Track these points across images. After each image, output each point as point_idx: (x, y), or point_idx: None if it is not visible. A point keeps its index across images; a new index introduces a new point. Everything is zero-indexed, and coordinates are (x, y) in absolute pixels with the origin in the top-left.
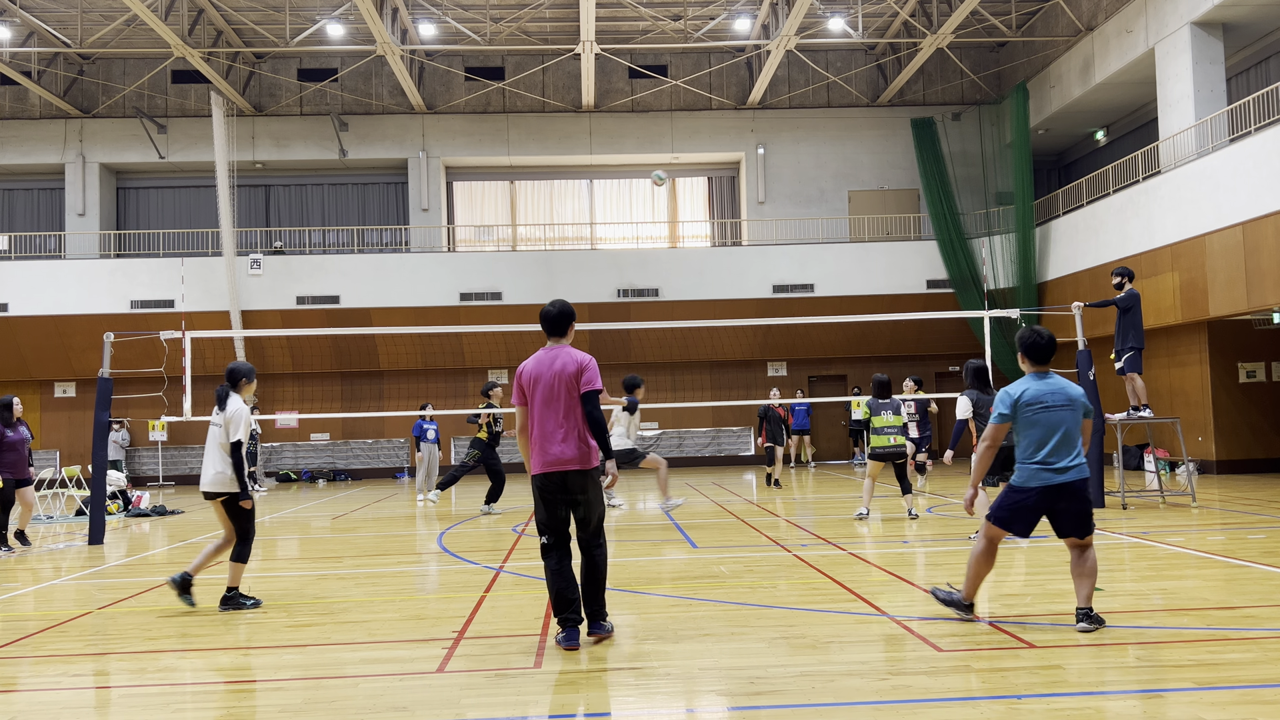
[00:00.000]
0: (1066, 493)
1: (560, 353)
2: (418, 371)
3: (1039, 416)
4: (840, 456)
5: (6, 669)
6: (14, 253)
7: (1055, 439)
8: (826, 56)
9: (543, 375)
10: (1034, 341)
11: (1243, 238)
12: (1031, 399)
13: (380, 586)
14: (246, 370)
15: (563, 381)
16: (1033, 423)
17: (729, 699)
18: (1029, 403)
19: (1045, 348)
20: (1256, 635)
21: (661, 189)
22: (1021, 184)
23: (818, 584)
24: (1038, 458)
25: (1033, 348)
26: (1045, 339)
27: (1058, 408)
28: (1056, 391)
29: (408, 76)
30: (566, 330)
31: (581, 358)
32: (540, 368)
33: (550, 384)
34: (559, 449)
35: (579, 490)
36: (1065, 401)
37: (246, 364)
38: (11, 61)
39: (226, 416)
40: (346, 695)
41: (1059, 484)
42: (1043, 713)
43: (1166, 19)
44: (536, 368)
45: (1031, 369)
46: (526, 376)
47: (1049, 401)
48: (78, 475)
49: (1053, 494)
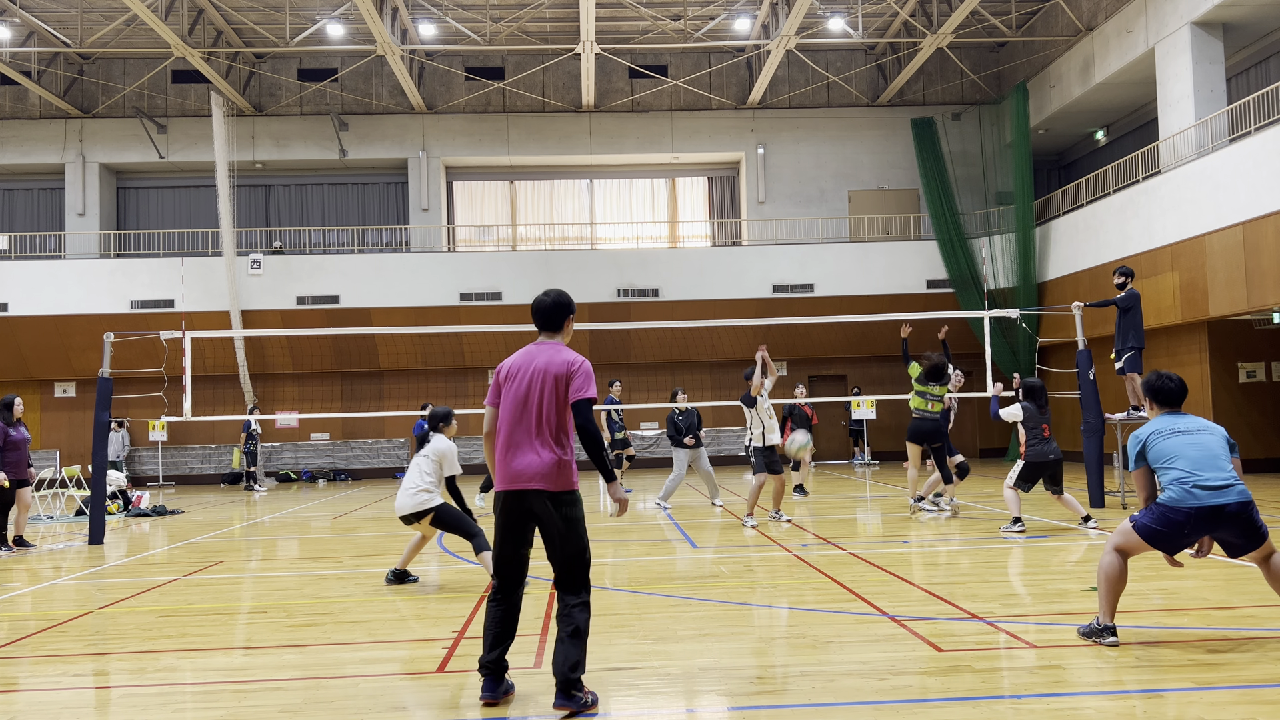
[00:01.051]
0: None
1: (548, 349)
2: (418, 371)
3: (1172, 440)
4: (840, 456)
5: (6, 669)
6: (14, 253)
7: (1198, 455)
8: (826, 56)
9: (521, 372)
10: (1161, 386)
11: (1243, 238)
12: (1159, 426)
13: (380, 586)
14: (444, 414)
15: (545, 383)
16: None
17: (729, 699)
18: (1157, 430)
19: (1176, 392)
20: (1256, 635)
21: (662, 193)
22: (1021, 184)
23: (818, 584)
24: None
25: (1160, 392)
26: (1175, 382)
27: (1191, 432)
28: (1189, 421)
29: (408, 76)
30: (562, 325)
31: (572, 358)
32: (521, 363)
33: (528, 383)
34: (526, 461)
35: (545, 516)
36: (1201, 428)
37: (444, 408)
38: (11, 61)
39: (440, 454)
40: (346, 695)
41: (1215, 505)
42: (1043, 713)
43: (1166, 19)
44: (516, 363)
45: (1160, 413)
46: (505, 373)
47: (1181, 426)
48: (78, 475)
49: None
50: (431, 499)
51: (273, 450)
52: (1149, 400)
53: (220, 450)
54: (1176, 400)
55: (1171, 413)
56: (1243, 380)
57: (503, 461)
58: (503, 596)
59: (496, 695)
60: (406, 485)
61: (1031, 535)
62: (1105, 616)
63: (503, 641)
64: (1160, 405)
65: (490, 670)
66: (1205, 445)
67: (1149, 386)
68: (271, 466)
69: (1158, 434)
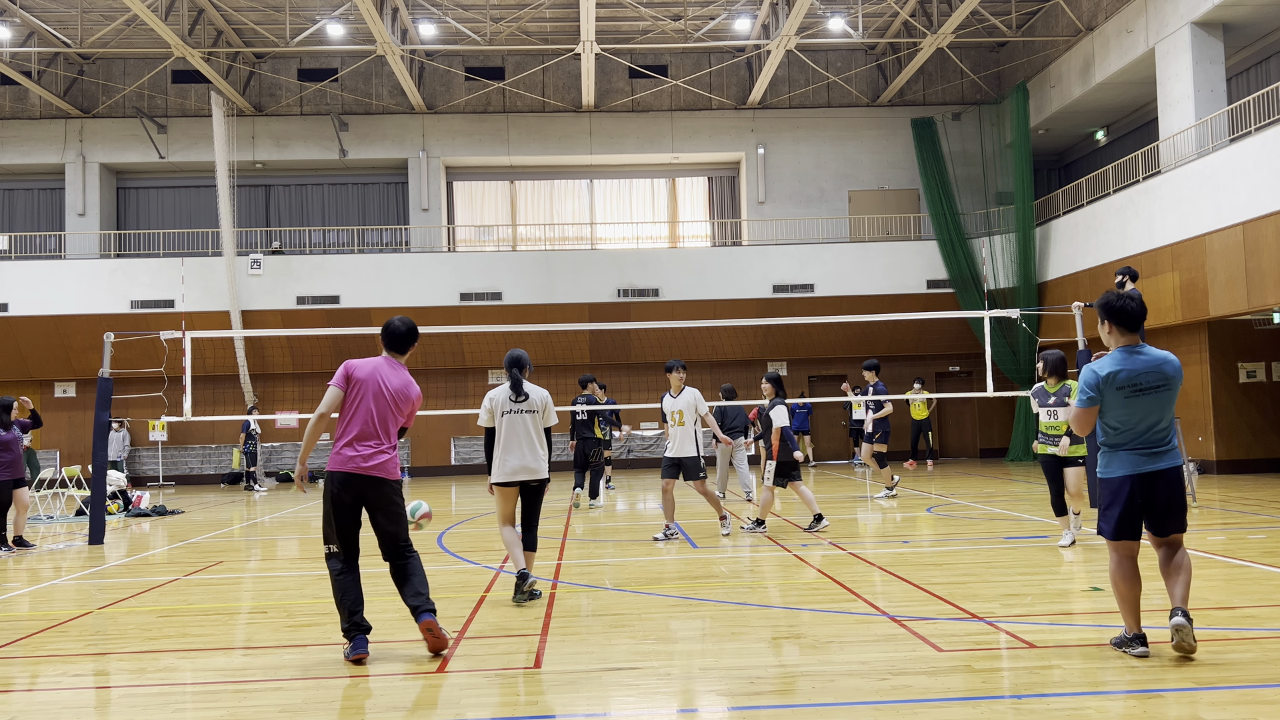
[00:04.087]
0: (1162, 481)
1: (399, 373)
2: (418, 371)
3: (1133, 401)
4: (840, 456)
5: (6, 669)
6: (14, 253)
7: (1150, 424)
8: (826, 56)
9: (385, 383)
10: (1121, 306)
11: (1243, 238)
12: (1125, 380)
13: (380, 587)
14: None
15: (398, 400)
16: (1123, 406)
17: (729, 699)
18: (1122, 385)
19: (1136, 314)
20: (1256, 635)
21: (662, 193)
22: (1021, 184)
23: (818, 584)
24: (1129, 444)
25: (1119, 314)
26: (1136, 302)
27: (1152, 390)
28: (1152, 369)
29: (408, 76)
30: (408, 350)
31: (416, 392)
32: (381, 375)
33: (390, 394)
34: (367, 453)
35: (376, 496)
36: (1161, 382)
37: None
38: (11, 61)
39: (542, 402)
40: (346, 695)
41: (1153, 471)
42: (1043, 713)
43: (1166, 19)
44: (377, 373)
45: (1120, 340)
46: (362, 373)
47: (1144, 383)
48: (78, 475)
49: (1147, 483)
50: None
51: (273, 450)
52: (1106, 324)
53: (220, 450)
54: (1135, 324)
55: (1130, 347)
56: (1243, 380)
57: (346, 449)
58: (339, 558)
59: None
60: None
61: (1031, 535)
62: (1128, 625)
63: (362, 604)
64: (1122, 330)
65: (366, 630)
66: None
67: (1107, 307)
68: (272, 466)
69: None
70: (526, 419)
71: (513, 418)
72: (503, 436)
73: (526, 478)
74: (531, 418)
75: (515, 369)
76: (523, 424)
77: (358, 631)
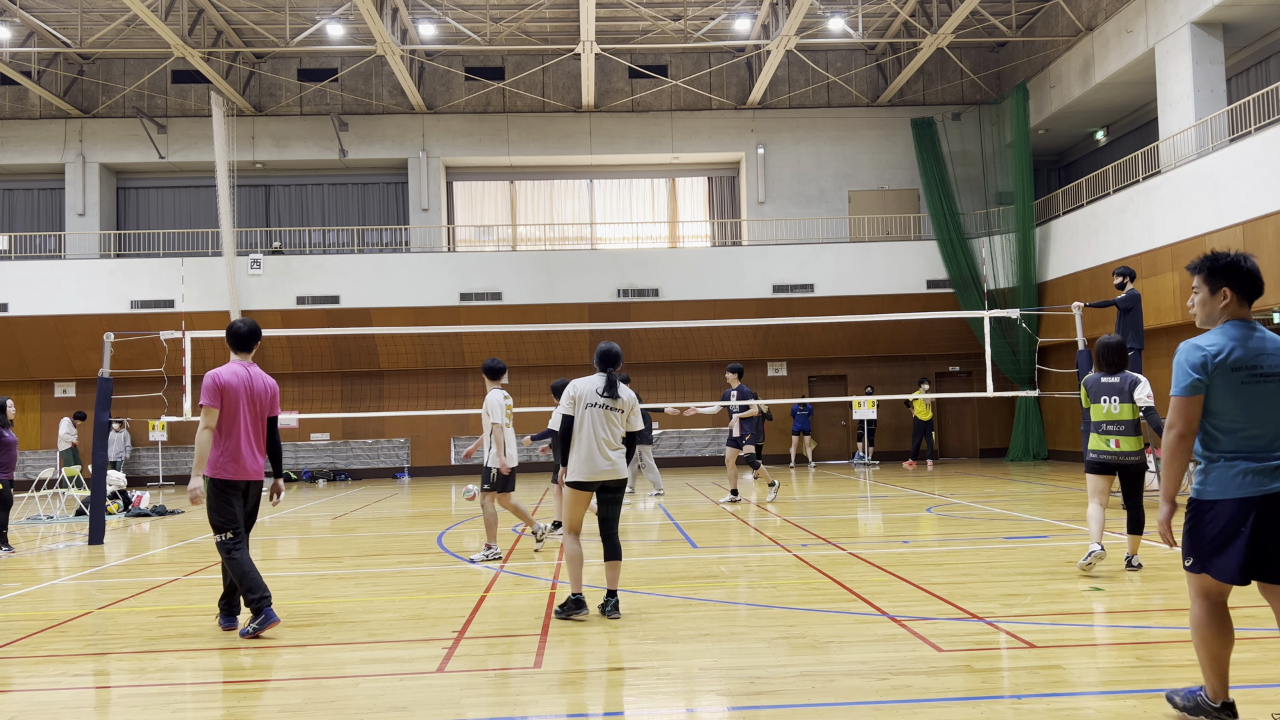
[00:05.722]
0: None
1: (255, 371)
2: (418, 371)
3: (1251, 390)
4: (840, 456)
5: (6, 669)
6: (14, 253)
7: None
8: (826, 56)
9: (245, 390)
10: (1250, 268)
11: (1243, 238)
12: (1240, 362)
13: (380, 586)
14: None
15: (263, 402)
16: (1237, 397)
17: (729, 699)
18: (1237, 366)
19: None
20: (1256, 635)
21: (662, 193)
22: (1021, 184)
23: (818, 584)
24: (1242, 453)
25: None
26: (1250, 264)
27: (1277, 377)
28: (1274, 352)
29: (408, 76)
30: (254, 348)
31: (272, 381)
32: (242, 383)
33: (256, 400)
34: (258, 461)
35: (256, 496)
36: None
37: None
38: (11, 61)
39: (631, 403)
40: (346, 695)
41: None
42: (1043, 713)
43: (1166, 19)
44: (235, 381)
45: (1234, 313)
46: (231, 387)
47: (1266, 367)
48: (77, 475)
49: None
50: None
51: None
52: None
53: None
54: (1256, 290)
55: (1243, 323)
56: None
57: (239, 458)
58: (240, 541)
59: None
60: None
61: (1031, 535)
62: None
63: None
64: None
65: (269, 601)
66: None
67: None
68: None
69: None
70: (614, 416)
71: (597, 413)
72: (583, 432)
73: (609, 478)
74: (618, 416)
75: (610, 367)
76: (606, 420)
77: (268, 602)
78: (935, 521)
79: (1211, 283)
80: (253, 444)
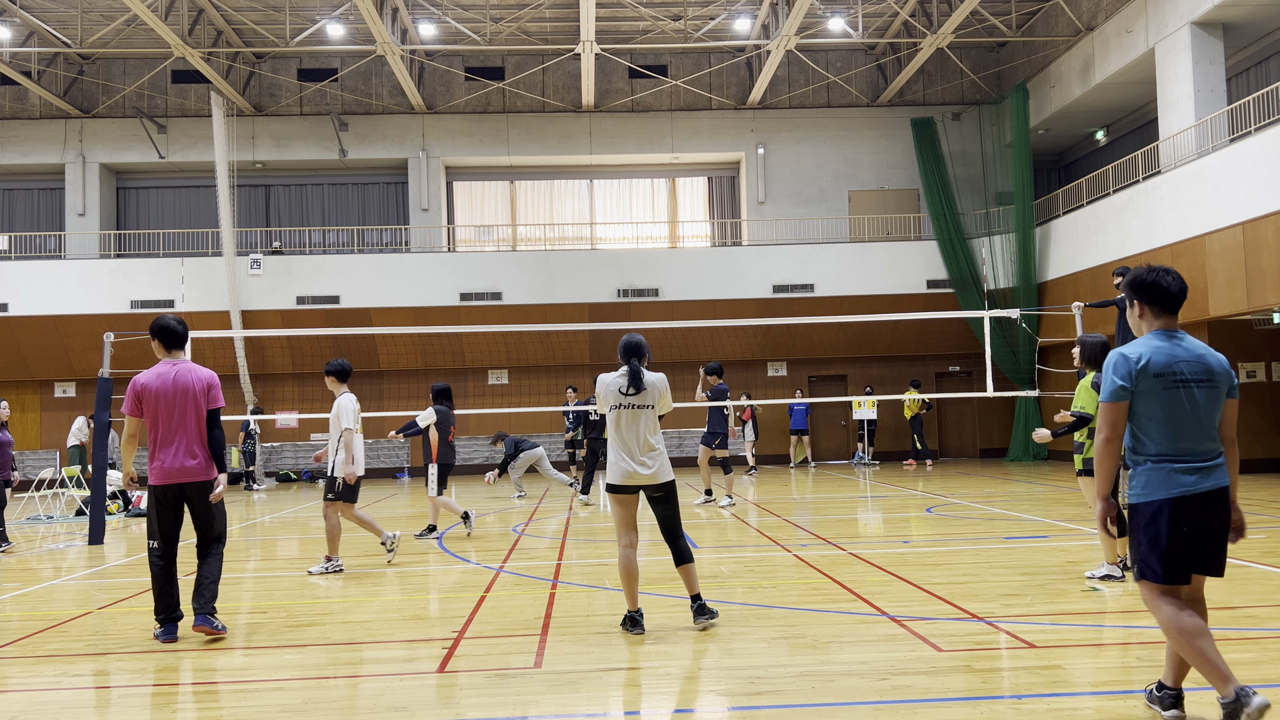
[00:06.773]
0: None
1: (183, 367)
2: (418, 371)
3: (1173, 394)
4: (840, 456)
5: (6, 669)
6: (14, 253)
7: (1191, 426)
8: (826, 56)
9: (170, 391)
10: (1154, 281)
11: (1243, 238)
12: (1161, 368)
13: (380, 586)
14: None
15: (196, 398)
16: (1159, 401)
17: (729, 699)
18: (1158, 373)
19: (1174, 291)
20: (1256, 635)
21: (662, 193)
22: (1021, 184)
23: (818, 584)
24: (1169, 451)
25: (1153, 290)
26: (1173, 277)
27: (1196, 383)
28: (1194, 359)
29: (408, 76)
30: (185, 345)
31: (206, 373)
32: (163, 384)
33: (175, 398)
34: (192, 462)
35: (202, 500)
36: (1206, 376)
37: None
38: (11, 61)
39: (657, 392)
40: (346, 695)
41: (1203, 493)
42: (1043, 713)
43: (1166, 19)
44: (159, 384)
45: (1155, 324)
46: (149, 392)
47: (1186, 374)
48: (78, 475)
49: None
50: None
51: (273, 450)
52: (1137, 305)
53: None
54: (1175, 306)
55: (1168, 332)
56: (1243, 380)
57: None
58: (164, 555)
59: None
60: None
61: (1031, 535)
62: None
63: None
64: (1156, 312)
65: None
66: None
67: (1138, 283)
68: (271, 466)
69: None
70: (640, 415)
71: (620, 413)
72: (612, 435)
73: (644, 483)
74: (647, 413)
75: (635, 359)
76: (633, 421)
77: (177, 618)
78: (935, 521)
79: (1128, 296)
80: (185, 445)
